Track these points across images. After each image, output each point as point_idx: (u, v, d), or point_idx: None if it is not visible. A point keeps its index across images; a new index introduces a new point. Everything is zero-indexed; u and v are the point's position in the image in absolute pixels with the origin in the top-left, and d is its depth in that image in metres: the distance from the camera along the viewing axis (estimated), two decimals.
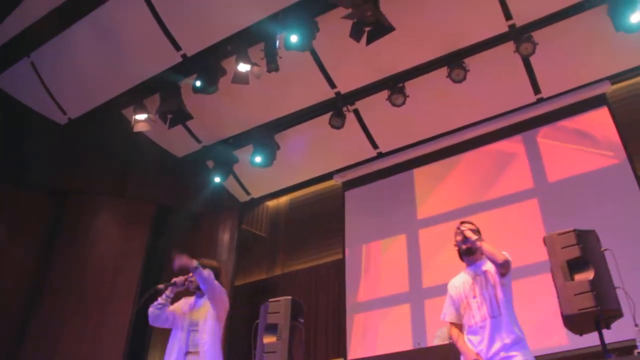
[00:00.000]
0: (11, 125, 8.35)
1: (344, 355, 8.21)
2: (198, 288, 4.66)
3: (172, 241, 9.77)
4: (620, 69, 7.80)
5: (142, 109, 8.29)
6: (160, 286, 4.66)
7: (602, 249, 4.57)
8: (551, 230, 7.31)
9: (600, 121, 7.79)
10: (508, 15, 7.40)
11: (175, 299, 4.77)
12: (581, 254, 4.28)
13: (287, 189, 10.12)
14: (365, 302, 8.47)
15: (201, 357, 4.36)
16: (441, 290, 7.57)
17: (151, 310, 4.58)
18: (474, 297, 3.83)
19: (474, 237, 3.91)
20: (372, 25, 6.76)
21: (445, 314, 4.08)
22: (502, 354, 3.59)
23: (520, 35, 7.39)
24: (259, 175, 9.50)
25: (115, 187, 9.04)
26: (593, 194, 7.32)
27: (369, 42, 7.20)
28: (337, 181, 9.67)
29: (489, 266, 3.87)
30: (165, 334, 8.50)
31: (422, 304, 7.91)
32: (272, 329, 5.63)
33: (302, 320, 5.88)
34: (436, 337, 5.88)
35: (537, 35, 7.38)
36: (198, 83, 7.78)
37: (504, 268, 3.77)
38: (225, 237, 10.01)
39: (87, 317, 8.17)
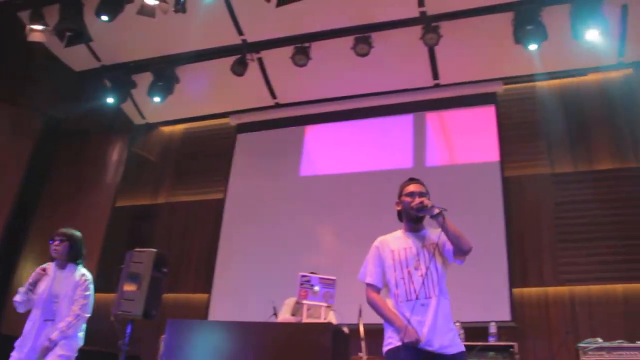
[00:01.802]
0: None
1: (209, 291, 8.63)
2: (60, 263, 4.84)
3: (58, 154, 9.65)
4: (514, 73, 8.34)
5: (39, 18, 7.91)
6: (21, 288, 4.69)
7: None
8: None
9: (486, 118, 8.31)
10: (421, 2, 7.64)
11: None
12: None
13: (183, 119, 10.11)
14: (237, 249, 8.75)
15: (57, 324, 4.57)
16: (312, 251, 7.98)
17: (16, 305, 4.63)
18: (417, 268, 3.38)
19: (436, 211, 3.32)
20: None
21: (367, 274, 3.54)
22: (447, 350, 3.24)
23: (429, 23, 7.65)
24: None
25: (3, 92, 8.63)
26: (462, 188, 7.79)
27: (279, 4, 7.26)
28: (231, 122, 9.78)
29: (440, 240, 3.42)
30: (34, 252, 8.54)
31: (288, 265, 7.80)
32: (133, 277, 5.93)
33: (165, 270, 6.18)
34: (284, 306, 6.12)
35: (444, 25, 7.66)
36: (104, 17, 7.51)
37: (464, 255, 3.38)
38: (114, 156, 9.96)
39: None
